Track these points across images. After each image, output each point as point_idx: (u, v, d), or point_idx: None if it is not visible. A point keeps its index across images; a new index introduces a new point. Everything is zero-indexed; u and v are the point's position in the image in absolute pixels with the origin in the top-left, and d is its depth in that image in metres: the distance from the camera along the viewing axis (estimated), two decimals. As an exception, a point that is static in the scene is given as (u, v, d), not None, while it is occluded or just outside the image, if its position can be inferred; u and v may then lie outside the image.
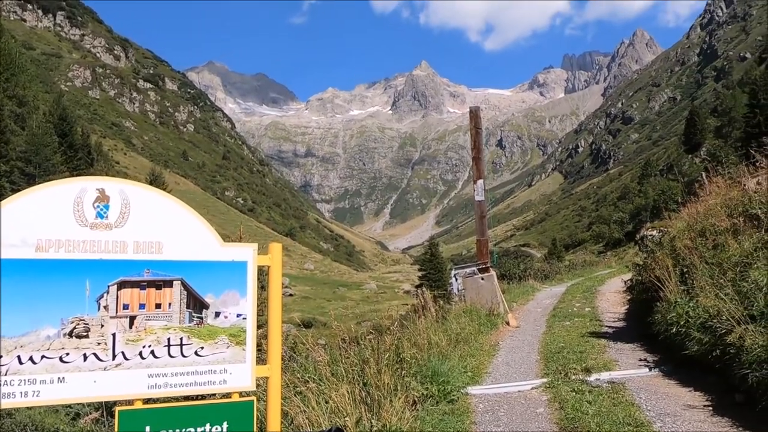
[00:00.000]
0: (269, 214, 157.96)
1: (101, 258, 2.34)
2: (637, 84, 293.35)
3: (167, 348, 2.44)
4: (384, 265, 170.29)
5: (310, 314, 48.17)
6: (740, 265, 6.07)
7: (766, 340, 4.53)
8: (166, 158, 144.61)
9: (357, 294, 72.28)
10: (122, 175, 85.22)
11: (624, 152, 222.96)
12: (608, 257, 52.24)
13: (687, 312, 6.43)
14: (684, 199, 14.73)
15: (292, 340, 8.00)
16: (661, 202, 47.78)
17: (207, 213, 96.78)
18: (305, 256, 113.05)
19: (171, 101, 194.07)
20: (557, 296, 18.01)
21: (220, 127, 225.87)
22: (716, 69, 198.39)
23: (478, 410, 5.84)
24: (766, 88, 50.49)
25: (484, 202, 14.06)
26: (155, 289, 2.44)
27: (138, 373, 2.38)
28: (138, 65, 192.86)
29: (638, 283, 11.53)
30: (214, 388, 2.52)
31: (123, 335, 2.37)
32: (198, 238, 2.53)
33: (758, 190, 7.28)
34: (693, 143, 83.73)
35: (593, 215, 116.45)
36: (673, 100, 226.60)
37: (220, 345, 2.53)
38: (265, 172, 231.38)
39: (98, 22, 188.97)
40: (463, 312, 11.09)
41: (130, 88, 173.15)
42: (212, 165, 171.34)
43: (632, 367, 7.13)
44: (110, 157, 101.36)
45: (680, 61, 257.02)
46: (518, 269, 30.10)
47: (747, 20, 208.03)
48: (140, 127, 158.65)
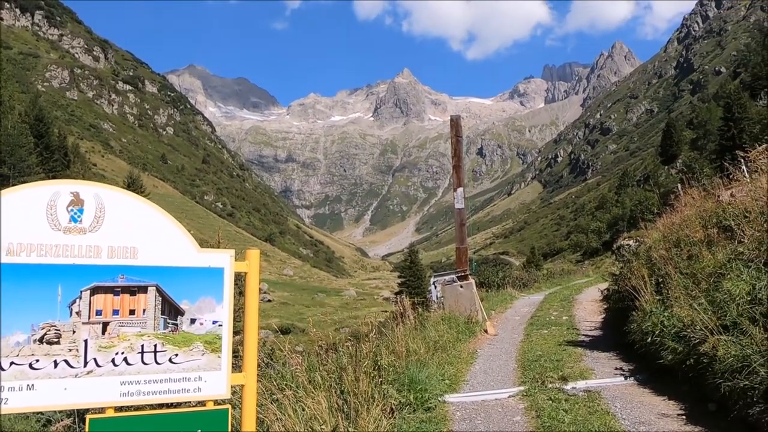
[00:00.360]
0: (249, 219, 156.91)
1: (74, 263, 2.31)
2: (616, 95, 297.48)
3: (141, 355, 2.40)
4: (364, 271, 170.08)
5: (289, 320, 47.89)
6: (714, 276, 6.16)
7: (738, 350, 4.60)
8: (145, 161, 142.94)
9: (336, 300, 72.05)
10: (99, 178, 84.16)
11: (602, 162, 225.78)
12: (586, 266, 52.76)
13: (662, 321, 6.51)
14: (660, 209, 14.98)
15: (270, 347, 7.93)
16: (637, 212, 48.42)
17: (186, 217, 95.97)
18: (284, 261, 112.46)
19: (150, 104, 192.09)
20: (535, 305, 18.11)
21: (200, 130, 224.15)
22: (692, 82, 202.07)
23: (456, 418, 5.83)
24: (740, 103, 51.56)
25: (463, 210, 14.12)
26: (129, 294, 2.41)
27: (110, 381, 2.34)
28: (117, 67, 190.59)
29: (615, 292, 11.66)
30: (189, 395, 2.49)
31: (95, 342, 2.33)
32: (174, 243, 2.50)
33: (732, 203, 7.41)
34: (669, 155, 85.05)
35: (571, 224, 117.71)
36: (651, 112, 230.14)
37: (195, 352, 2.50)
38: (245, 177, 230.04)
39: (77, 23, 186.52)
40: (442, 319, 11.10)
41: (108, 89, 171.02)
42: (192, 169, 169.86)
43: (608, 376, 7.18)
44: (87, 159, 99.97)
45: (657, 73, 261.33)
46: (497, 277, 30.19)
47: (722, 35, 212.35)
48: (119, 130, 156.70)
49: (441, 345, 9.25)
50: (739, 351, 4.56)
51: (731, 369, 4.52)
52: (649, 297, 7.51)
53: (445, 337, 9.83)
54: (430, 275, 22.91)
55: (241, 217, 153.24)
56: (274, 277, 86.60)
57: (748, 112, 50.75)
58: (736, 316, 5.08)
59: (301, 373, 5.24)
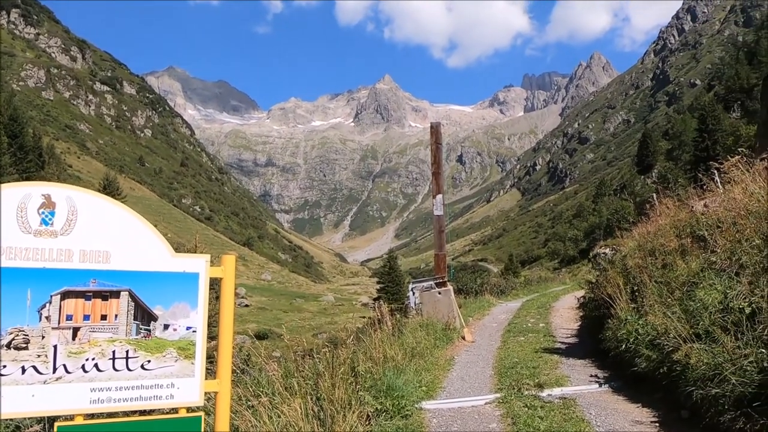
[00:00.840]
0: (227, 223, 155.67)
1: (44, 267, 2.26)
2: (594, 105, 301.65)
3: (112, 361, 2.36)
4: (342, 277, 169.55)
5: (266, 325, 47.57)
6: (687, 285, 6.24)
7: (710, 358, 4.66)
8: (122, 163, 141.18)
9: (314, 306, 71.70)
10: (75, 179, 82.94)
11: (580, 171, 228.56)
12: (563, 274, 53.30)
13: (636, 329, 6.57)
14: (636, 218, 15.18)
15: (247, 353, 7.86)
16: (614, 221, 48.97)
17: (163, 221, 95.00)
18: (263, 266, 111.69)
19: (128, 105, 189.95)
20: (512, 311, 18.21)
21: (179, 133, 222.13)
22: (668, 94, 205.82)
23: (432, 425, 5.83)
24: (714, 115, 52.60)
25: (442, 217, 14.16)
26: (101, 299, 2.36)
27: (80, 387, 2.29)
28: (95, 67, 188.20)
29: (591, 300, 11.76)
30: (161, 403, 2.45)
31: (65, 347, 2.29)
32: (148, 247, 2.46)
33: (705, 213, 7.53)
34: (645, 165, 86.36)
35: (549, 232, 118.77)
36: (627, 123, 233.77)
37: (168, 358, 2.46)
38: (224, 181, 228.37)
39: (55, 22, 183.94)
40: (420, 326, 11.10)
41: (86, 90, 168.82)
42: (170, 171, 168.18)
43: (583, 383, 7.23)
44: (63, 160, 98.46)
45: (634, 85, 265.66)
46: (475, 284, 30.34)
47: (697, 48, 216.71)
48: (95, 131, 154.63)
49: (418, 351, 9.24)
50: (711, 359, 4.63)
51: (703, 377, 4.57)
52: (624, 305, 7.59)
53: (423, 343, 9.82)
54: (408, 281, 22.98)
55: (219, 221, 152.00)
56: (252, 282, 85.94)
57: (722, 124, 51.77)
58: (709, 324, 5.15)
59: (277, 380, 5.19)
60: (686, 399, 4.85)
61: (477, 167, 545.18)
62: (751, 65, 75.42)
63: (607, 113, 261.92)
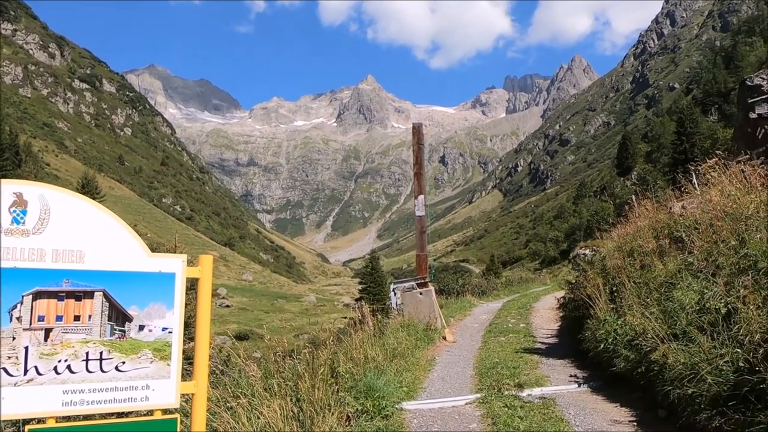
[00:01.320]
0: (208, 223, 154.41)
1: (15, 266, 2.21)
2: (574, 108, 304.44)
3: (85, 363, 2.31)
4: (324, 277, 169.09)
5: (247, 326, 47.29)
6: (665, 286, 6.32)
7: (687, 358, 4.71)
8: (101, 162, 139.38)
9: (296, 306, 71.41)
10: (53, 178, 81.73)
11: (561, 173, 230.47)
12: (544, 274, 53.69)
13: (615, 330, 6.64)
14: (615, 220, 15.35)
15: (226, 353, 7.79)
16: (594, 222, 49.46)
17: (143, 220, 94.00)
18: (244, 266, 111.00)
19: (108, 103, 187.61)
20: (494, 312, 18.29)
21: (160, 132, 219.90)
22: (647, 97, 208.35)
23: (412, 426, 5.83)
24: (692, 118, 53.35)
25: (424, 218, 14.18)
26: (75, 300, 2.32)
27: (52, 390, 2.25)
28: (74, 65, 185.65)
29: (571, 300, 11.85)
30: (136, 405, 2.41)
31: (37, 349, 2.24)
32: (123, 247, 2.42)
33: (683, 214, 7.63)
34: (625, 167, 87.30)
35: (530, 233, 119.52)
36: (608, 125, 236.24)
37: (143, 360, 2.42)
38: (205, 180, 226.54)
39: (32, 18, 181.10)
40: (401, 326, 11.10)
41: (64, 87, 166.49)
42: (150, 170, 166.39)
43: (563, 383, 7.28)
44: (40, 158, 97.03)
45: (615, 87, 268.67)
46: (457, 284, 30.47)
47: (676, 52, 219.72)
48: (74, 129, 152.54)
49: (399, 352, 9.24)
50: (688, 359, 4.68)
51: (680, 376, 4.62)
52: (603, 305, 7.65)
53: (404, 344, 9.82)
54: (390, 282, 22.94)
55: (200, 220, 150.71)
56: (233, 282, 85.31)
57: (700, 127, 52.57)
58: (686, 324, 5.21)
59: (256, 381, 5.15)
60: (663, 398, 4.90)
61: (459, 168, 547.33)
62: (728, 69, 76.78)
63: (588, 115, 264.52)
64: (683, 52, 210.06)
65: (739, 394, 3.87)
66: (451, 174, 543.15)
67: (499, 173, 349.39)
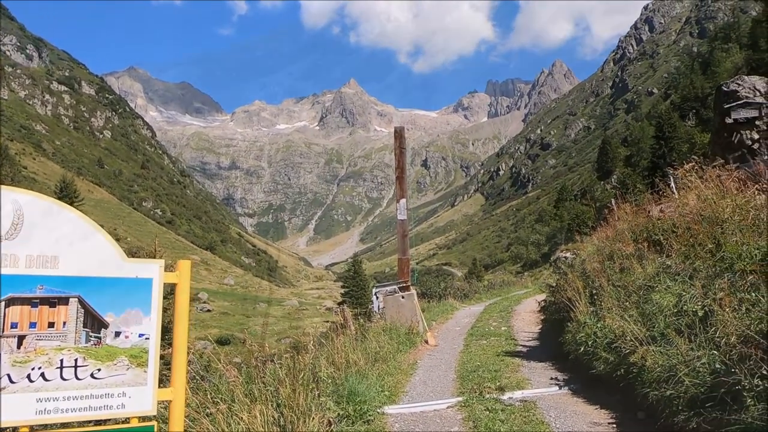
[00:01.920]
0: (189, 227, 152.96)
1: (-13, 272, 2.17)
2: (555, 112, 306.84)
3: (60, 370, 2.28)
4: (307, 281, 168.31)
5: (229, 331, 46.94)
6: (644, 288, 6.38)
7: (665, 360, 4.77)
8: (80, 165, 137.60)
9: (278, 310, 70.99)
10: (30, 181, 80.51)
11: (542, 176, 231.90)
12: (525, 278, 53.98)
13: (595, 332, 6.68)
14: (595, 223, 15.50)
15: (207, 359, 7.71)
16: (574, 225, 49.85)
17: (122, 224, 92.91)
18: (226, 270, 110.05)
19: (87, 106, 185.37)
20: (475, 315, 18.36)
21: (140, 135, 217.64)
22: (627, 102, 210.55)
23: (394, 430, 5.82)
24: (671, 123, 54.10)
25: (406, 221, 14.20)
26: (49, 306, 2.28)
27: (25, 398, 2.20)
28: (52, 66, 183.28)
29: (551, 303, 11.92)
30: (112, 412, 2.37)
31: (10, 356, 2.20)
32: (99, 252, 2.39)
33: (661, 218, 7.73)
34: (605, 170, 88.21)
35: (512, 236, 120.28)
36: (588, 129, 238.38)
37: (119, 367, 2.38)
38: (186, 184, 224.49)
39: (9, 19, 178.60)
40: (383, 330, 11.08)
41: (42, 89, 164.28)
42: (130, 174, 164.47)
43: (543, 386, 7.32)
44: (17, 161, 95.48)
45: (595, 92, 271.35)
46: (439, 288, 30.55)
47: (654, 58, 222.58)
48: (52, 132, 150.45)
49: (381, 356, 9.23)
50: (666, 361, 4.73)
51: (659, 378, 4.67)
52: (583, 308, 7.71)
53: (386, 348, 9.81)
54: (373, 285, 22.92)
55: (181, 224, 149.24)
56: (214, 287, 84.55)
57: (678, 131, 53.29)
58: (664, 327, 5.27)
59: (236, 386, 5.11)
60: (642, 400, 4.95)
61: (441, 172, 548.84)
62: (705, 75, 77.94)
63: (569, 120, 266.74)
64: (661, 58, 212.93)
65: (716, 396, 3.92)
66: (434, 178, 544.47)
67: (481, 177, 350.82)
